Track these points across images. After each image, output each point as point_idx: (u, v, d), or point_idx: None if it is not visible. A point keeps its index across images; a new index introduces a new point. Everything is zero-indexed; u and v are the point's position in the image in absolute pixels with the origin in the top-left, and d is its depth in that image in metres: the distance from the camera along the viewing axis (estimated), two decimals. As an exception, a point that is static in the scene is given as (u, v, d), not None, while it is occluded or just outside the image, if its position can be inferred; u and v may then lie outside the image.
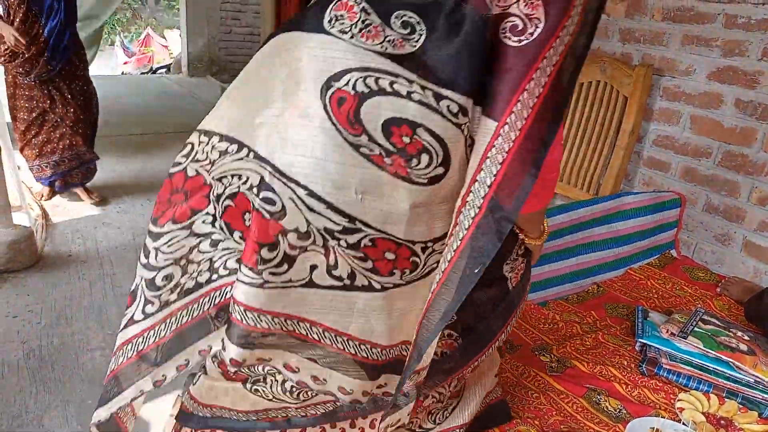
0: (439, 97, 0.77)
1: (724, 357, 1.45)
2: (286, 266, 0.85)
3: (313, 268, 0.86)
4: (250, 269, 0.84)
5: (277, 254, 0.84)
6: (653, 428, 1.28)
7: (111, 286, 2.51)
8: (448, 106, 0.78)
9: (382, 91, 0.77)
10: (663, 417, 1.35)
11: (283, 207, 0.82)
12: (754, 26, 2.03)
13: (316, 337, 0.90)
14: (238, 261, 0.88)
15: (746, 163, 2.10)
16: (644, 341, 1.56)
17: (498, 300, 1.10)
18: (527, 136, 0.75)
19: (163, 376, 0.93)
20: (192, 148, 0.94)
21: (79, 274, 2.58)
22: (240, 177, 0.87)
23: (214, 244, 0.92)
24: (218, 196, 0.89)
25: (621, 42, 2.45)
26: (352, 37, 0.79)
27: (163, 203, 0.95)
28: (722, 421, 1.35)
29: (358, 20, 0.79)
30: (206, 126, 0.94)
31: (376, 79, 0.78)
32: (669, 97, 2.32)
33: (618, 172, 2.34)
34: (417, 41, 0.78)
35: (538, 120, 0.74)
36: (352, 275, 0.86)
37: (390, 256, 0.86)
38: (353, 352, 0.91)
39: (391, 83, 0.77)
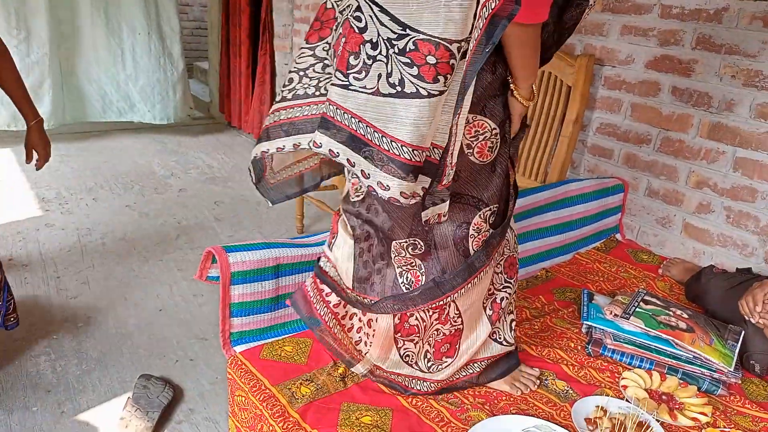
0: None
1: (664, 335, 1.51)
2: (363, 74, 1.07)
3: (379, 77, 1.05)
4: (341, 72, 1.09)
5: (359, 62, 1.07)
6: (598, 406, 1.33)
7: (56, 290, 2.43)
8: None
9: None
10: (608, 395, 1.40)
11: (366, 23, 1.06)
12: (688, 16, 2.10)
13: (368, 137, 1.09)
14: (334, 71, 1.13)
15: (683, 149, 2.18)
16: (590, 323, 1.61)
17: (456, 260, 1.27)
18: None
19: (283, 145, 1.25)
20: None
21: (21, 279, 2.48)
22: (350, 6, 1.11)
23: (324, 68, 1.21)
24: (336, 26, 1.17)
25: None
26: None
27: (311, 27, 1.23)
28: (664, 396, 1.41)
29: None
30: None
31: None
32: (610, 85, 2.39)
33: (564, 160, 2.40)
34: None
35: None
36: (402, 82, 1.03)
37: (431, 60, 1.01)
38: (387, 149, 1.07)
39: None
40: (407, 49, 1.02)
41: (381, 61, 1.06)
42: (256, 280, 1.44)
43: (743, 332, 1.58)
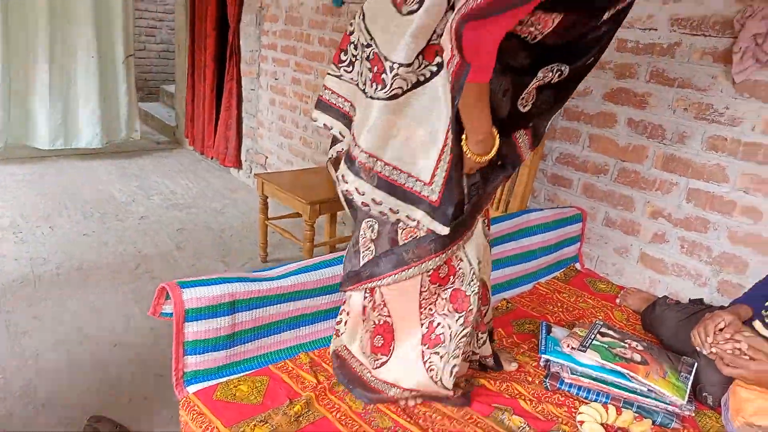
0: None
1: (619, 368, 1.52)
2: (351, 67, 1.36)
3: (359, 74, 1.30)
4: (335, 65, 1.40)
5: (347, 58, 1.36)
6: (555, 443, 1.33)
7: (5, 324, 2.34)
8: None
9: None
10: (564, 430, 1.40)
11: (354, 27, 1.32)
12: (642, 50, 2.17)
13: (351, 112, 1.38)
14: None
15: (639, 179, 2.23)
16: (547, 357, 1.61)
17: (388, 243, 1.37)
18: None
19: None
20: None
21: (-32, 313, 2.39)
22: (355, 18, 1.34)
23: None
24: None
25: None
26: None
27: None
28: (619, 431, 1.41)
29: None
30: None
31: None
32: (569, 116, 2.44)
33: (524, 190, 2.43)
34: None
35: None
36: (365, 82, 1.26)
37: (375, 68, 1.22)
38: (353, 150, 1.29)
39: None
40: (369, 56, 1.25)
41: (358, 60, 1.32)
42: (211, 317, 1.41)
43: (696, 364, 1.60)
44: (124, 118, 4.98)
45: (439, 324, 1.39)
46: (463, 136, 1.25)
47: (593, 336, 1.65)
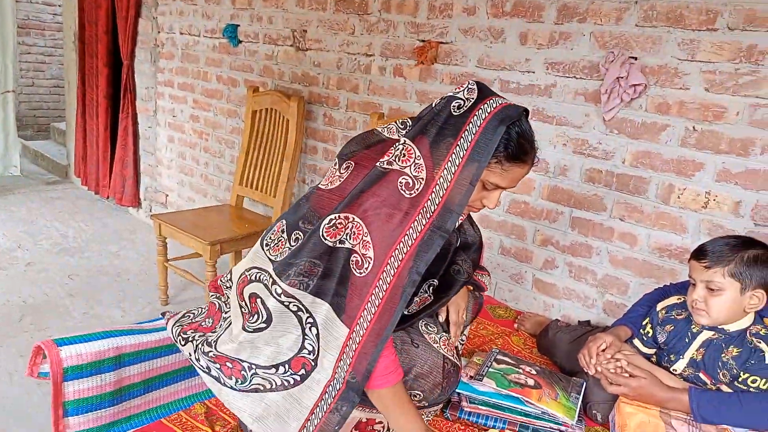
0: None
1: (514, 393, 1.58)
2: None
3: None
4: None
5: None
6: (454, 474, 1.35)
7: None
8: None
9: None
10: (464, 460, 1.43)
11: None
12: (523, 91, 2.32)
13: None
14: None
15: (528, 210, 2.36)
16: (447, 387, 1.65)
17: None
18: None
19: None
20: None
21: None
22: None
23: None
24: None
25: (418, 102, 2.65)
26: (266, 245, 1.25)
27: None
28: (516, 455, 1.46)
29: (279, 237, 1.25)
30: None
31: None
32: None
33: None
34: None
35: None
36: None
37: (229, 364, 1.22)
38: None
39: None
40: None
41: None
42: (93, 374, 1.34)
43: (585, 383, 1.69)
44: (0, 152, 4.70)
45: None
46: None
47: (490, 364, 1.70)
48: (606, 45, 2.06)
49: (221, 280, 1.48)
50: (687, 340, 1.58)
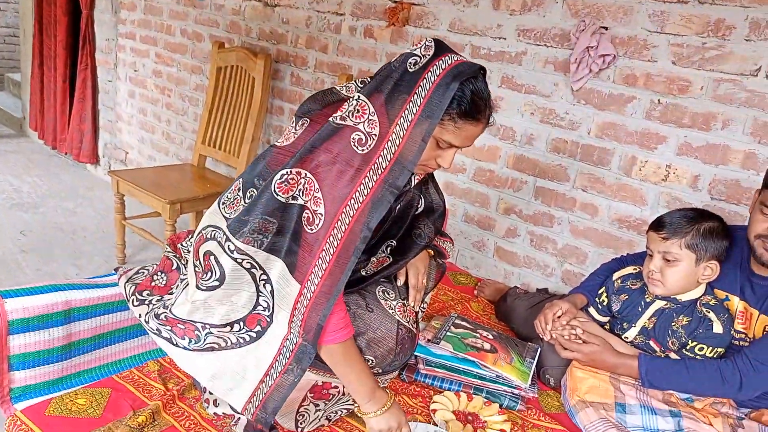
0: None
1: (470, 357, 1.59)
2: None
3: None
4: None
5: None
6: (407, 433, 1.36)
7: None
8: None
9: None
10: (418, 421, 1.44)
11: None
12: (494, 57, 2.29)
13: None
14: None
15: (493, 178, 2.37)
16: (404, 350, 1.65)
17: None
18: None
19: None
20: None
21: None
22: None
23: None
24: None
25: (388, 65, 2.60)
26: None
27: None
28: (469, 417, 1.48)
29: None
30: None
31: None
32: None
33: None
34: None
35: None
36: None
37: (181, 326, 1.21)
38: None
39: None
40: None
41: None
42: (41, 328, 1.30)
43: (539, 349, 1.72)
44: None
45: None
46: (355, 408, 1.28)
47: (448, 328, 1.72)
48: (578, 13, 2.05)
49: (181, 244, 1.44)
50: (640, 309, 1.61)
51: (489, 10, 2.27)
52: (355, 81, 1.28)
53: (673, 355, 1.55)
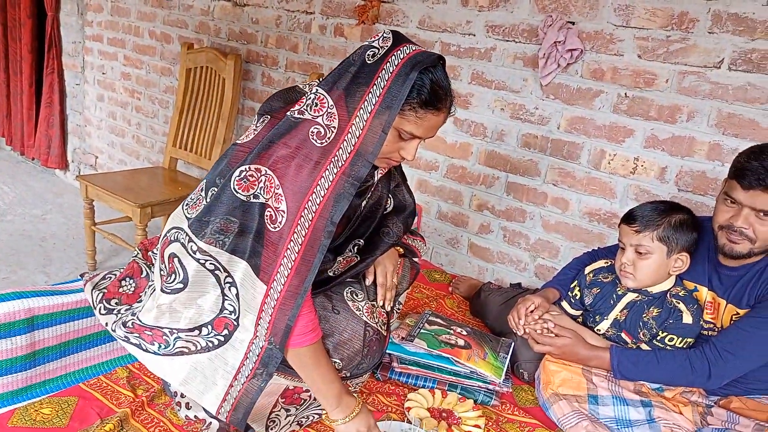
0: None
1: (444, 354, 1.59)
2: None
3: None
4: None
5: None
6: (381, 432, 1.35)
7: None
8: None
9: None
10: (393, 419, 1.44)
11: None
12: (464, 53, 2.30)
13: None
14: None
15: (466, 175, 2.37)
16: (378, 348, 1.64)
17: None
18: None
19: None
20: None
21: None
22: None
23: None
24: None
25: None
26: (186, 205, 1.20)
27: None
28: (444, 413, 1.48)
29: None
30: None
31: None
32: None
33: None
34: None
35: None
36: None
37: (149, 332, 1.18)
38: None
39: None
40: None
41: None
42: (3, 337, 1.26)
43: (513, 343, 1.73)
44: None
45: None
46: (323, 415, 1.27)
47: (421, 325, 1.71)
48: (545, 9, 2.06)
49: (152, 252, 1.41)
50: (612, 302, 1.63)
51: (458, 6, 2.27)
52: (318, 79, 1.28)
53: (644, 346, 1.56)
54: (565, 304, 1.73)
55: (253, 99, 3.05)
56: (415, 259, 1.62)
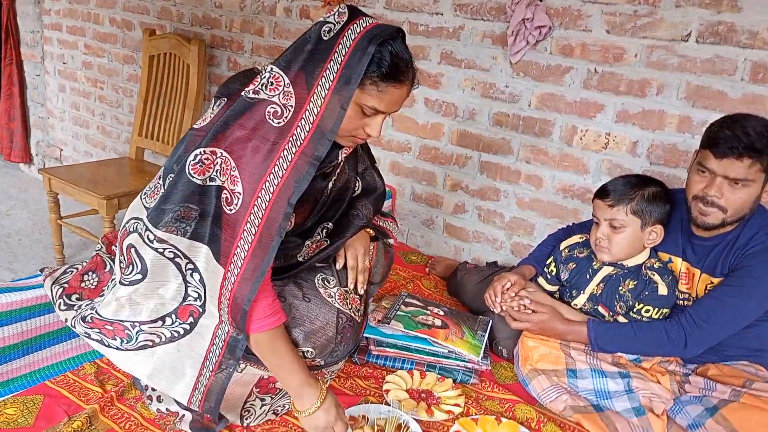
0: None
1: (421, 334, 1.58)
2: None
3: None
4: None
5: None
6: (359, 416, 1.34)
7: None
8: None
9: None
10: (371, 402, 1.42)
11: None
12: (432, 33, 2.26)
13: None
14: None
15: (438, 155, 2.35)
16: (355, 332, 1.62)
17: None
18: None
19: None
20: None
21: None
22: None
23: None
24: None
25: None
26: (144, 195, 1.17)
27: None
28: (423, 394, 1.47)
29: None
30: None
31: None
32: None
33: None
34: None
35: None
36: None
37: (109, 327, 1.15)
38: None
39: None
40: None
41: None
42: (-40, 336, 1.20)
43: (490, 321, 1.72)
44: None
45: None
46: (290, 405, 1.24)
47: (398, 307, 1.70)
48: (512, -15, 2.03)
49: (116, 245, 1.37)
50: (588, 277, 1.63)
51: (425, -16, 2.24)
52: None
53: (621, 319, 1.57)
54: (541, 280, 1.73)
55: (219, 85, 2.98)
56: (390, 241, 1.60)
